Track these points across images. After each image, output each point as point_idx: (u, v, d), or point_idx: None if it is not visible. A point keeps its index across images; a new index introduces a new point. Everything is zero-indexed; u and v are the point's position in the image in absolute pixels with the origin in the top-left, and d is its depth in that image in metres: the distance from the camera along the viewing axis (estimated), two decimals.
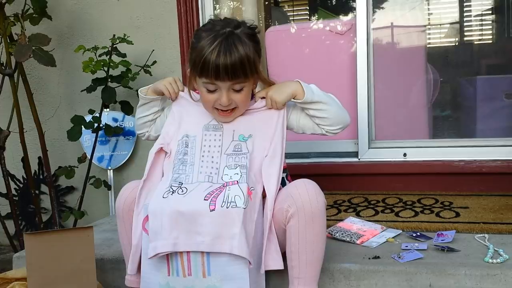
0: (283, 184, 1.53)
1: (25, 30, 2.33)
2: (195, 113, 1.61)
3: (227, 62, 1.41)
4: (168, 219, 1.38)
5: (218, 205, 1.36)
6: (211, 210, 1.35)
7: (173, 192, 1.42)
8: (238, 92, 1.49)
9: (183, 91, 1.65)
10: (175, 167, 1.50)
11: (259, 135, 1.54)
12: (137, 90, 1.72)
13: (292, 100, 1.55)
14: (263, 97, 1.58)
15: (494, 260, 1.49)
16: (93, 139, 2.54)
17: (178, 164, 1.51)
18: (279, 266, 1.42)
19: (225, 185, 1.43)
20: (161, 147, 1.58)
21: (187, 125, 1.60)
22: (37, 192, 2.57)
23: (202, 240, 1.36)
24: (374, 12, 2.64)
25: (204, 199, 1.38)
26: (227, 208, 1.35)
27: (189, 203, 1.39)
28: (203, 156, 1.52)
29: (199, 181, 1.46)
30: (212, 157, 1.51)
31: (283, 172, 1.53)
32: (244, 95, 1.50)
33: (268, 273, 1.48)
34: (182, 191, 1.43)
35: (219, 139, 1.55)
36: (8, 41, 2.36)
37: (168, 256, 1.41)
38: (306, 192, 1.38)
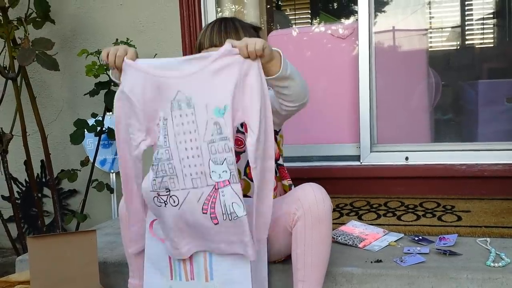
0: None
1: (28, 34, 2.34)
2: (155, 86, 1.32)
3: (221, 29, 1.50)
4: (173, 231, 1.35)
5: (220, 218, 1.28)
6: (215, 224, 1.30)
7: (165, 204, 1.33)
8: None
9: (131, 59, 1.34)
10: (155, 165, 1.33)
11: (236, 103, 1.27)
12: None
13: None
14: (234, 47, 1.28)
15: (496, 264, 1.49)
16: (96, 142, 2.54)
17: (156, 162, 1.33)
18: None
19: (216, 187, 1.28)
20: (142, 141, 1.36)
21: (155, 103, 1.33)
22: (39, 195, 2.58)
23: (217, 246, 1.35)
24: (376, 15, 2.65)
25: (203, 213, 1.30)
26: (230, 220, 1.28)
27: (189, 217, 1.32)
28: (179, 147, 1.31)
29: (186, 187, 1.31)
30: (192, 148, 1.30)
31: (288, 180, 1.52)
32: None
33: (271, 277, 1.49)
34: (174, 201, 1.33)
35: (192, 119, 1.30)
36: (12, 45, 2.38)
37: (171, 260, 1.42)
38: (313, 195, 1.38)
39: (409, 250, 1.65)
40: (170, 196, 1.33)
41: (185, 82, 1.29)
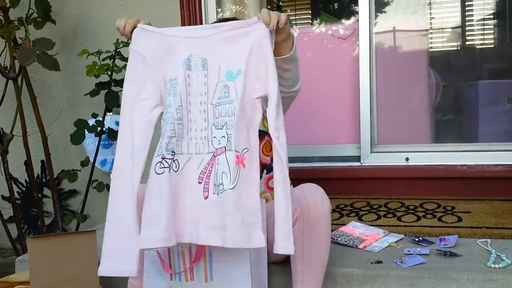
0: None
1: (29, 34, 2.34)
2: (168, 46, 1.30)
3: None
4: (165, 206, 1.22)
5: (211, 190, 1.22)
6: (205, 198, 1.23)
7: (169, 168, 1.24)
8: None
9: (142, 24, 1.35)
10: (166, 125, 1.27)
11: (251, 69, 1.25)
12: None
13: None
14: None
15: (497, 265, 1.49)
16: (96, 142, 2.54)
17: (166, 121, 1.27)
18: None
19: (214, 154, 1.24)
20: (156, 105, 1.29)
21: (167, 64, 1.30)
22: (39, 195, 2.58)
23: (196, 231, 1.24)
24: (376, 16, 2.65)
25: (198, 182, 1.24)
26: (218, 194, 1.20)
27: (184, 188, 1.25)
28: (190, 111, 1.27)
29: (189, 151, 1.28)
30: (200, 112, 1.27)
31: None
32: None
33: (270, 277, 1.49)
34: (176, 166, 1.26)
35: (204, 81, 1.28)
36: (12, 45, 2.38)
37: (171, 261, 1.41)
38: (312, 195, 1.38)
39: (409, 251, 1.65)
40: (173, 160, 1.26)
41: (200, 43, 1.29)
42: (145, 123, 1.28)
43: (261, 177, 1.46)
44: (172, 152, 1.26)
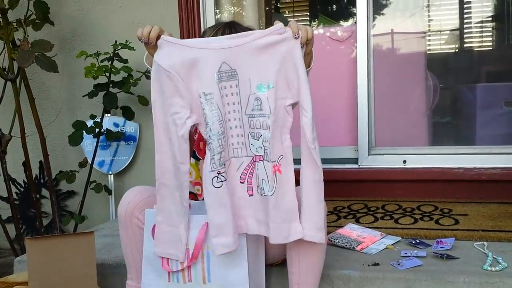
0: None
1: (27, 36, 2.34)
2: (195, 59, 1.30)
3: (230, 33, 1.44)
4: (229, 214, 1.31)
5: (255, 190, 1.33)
6: (249, 195, 1.33)
7: (226, 181, 1.32)
8: None
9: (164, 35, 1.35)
10: (211, 143, 1.31)
11: (281, 81, 1.27)
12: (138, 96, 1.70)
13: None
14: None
15: (493, 268, 1.49)
16: (94, 144, 2.55)
17: (213, 138, 1.31)
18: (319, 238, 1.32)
19: (254, 159, 1.32)
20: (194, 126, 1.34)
21: (195, 77, 1.31)
22: (38, 196, 2.58)
23: (246, 222, 1.35)
24: (374, 18, 2.66)
25: (240, 182, 1.34)
26: (261, 195, 1.31)
27: (232, 190, 1.33)
28: (229, 120, 1.32)
29: (229, 156, 1.34)
30: (235, 119, 1.32)
31: None
32: None
33: (268, 279, 1.49)
34: (226, 173, 1.33)
35: (236, 91, 1.31)
36: (11, 46, 2.38)
37: (169, 262, 1.42)
38: None
39: (406, 253, 1.66)
40: (225, 171, 1.32)
41: (229, 54, 1.29)
42: (181, 138, 1.31)
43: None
44: (224, 164, 1.32)
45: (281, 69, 1.26)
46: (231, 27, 1.51)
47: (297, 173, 1.30)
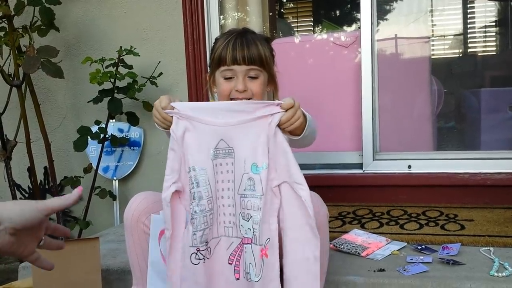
0: None
1: (33, 42, 2.35)
2: (198, 133, 1.32)
3: (243, 46, 1.48)
4: None
5: (241, 274, 1.31)
6: (236, 279, 1.32)
7: (204, 259, 1.31)
8: (254, 80, 1.50)
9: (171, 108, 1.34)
10: (196, 218, 1.31)
11: (271, 163, 1.28)
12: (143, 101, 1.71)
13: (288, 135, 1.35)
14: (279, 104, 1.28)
15: (500, 274, 1.48)
16: (99, 149, 2.55)
17: (199, 214, 1.31)
18: None
19: (243, 242, 1.31)
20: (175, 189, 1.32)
21: (192, 151, 1.32)
22: None
23: None
24: (378, 23, 2.66)
25: (229, 263, 1.32)
26: (246, 280, 1.29)
27: (217, 270, 1.33)
28: (222, 197, 1.32)
29: (219, 235, 1.34)
30: (228, 197, 1.32)
31: None
32: (260, 84, 1.51)
33: None
34: (209, 253, 1.32)
35: (231, 169, 1.31)
36: (17, 52, 2.39)
37: None
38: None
39: (412, 259, 1.65)
40: (207, 249, 1.32)
41: (227, 132, 1.30)
42: (164, 200, 1.31)
43: None
44: (206, 242, 1.31)
45: (269, 148, 1.27)
46: (242, 37, 1.51)
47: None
